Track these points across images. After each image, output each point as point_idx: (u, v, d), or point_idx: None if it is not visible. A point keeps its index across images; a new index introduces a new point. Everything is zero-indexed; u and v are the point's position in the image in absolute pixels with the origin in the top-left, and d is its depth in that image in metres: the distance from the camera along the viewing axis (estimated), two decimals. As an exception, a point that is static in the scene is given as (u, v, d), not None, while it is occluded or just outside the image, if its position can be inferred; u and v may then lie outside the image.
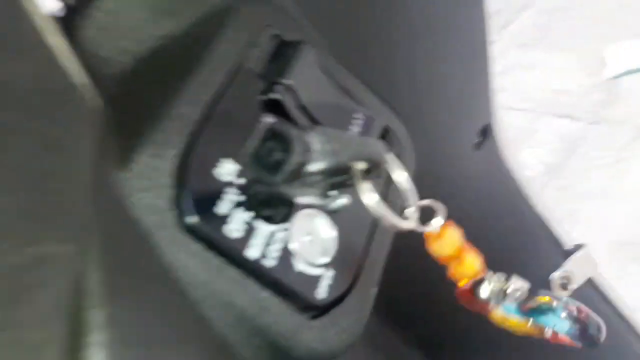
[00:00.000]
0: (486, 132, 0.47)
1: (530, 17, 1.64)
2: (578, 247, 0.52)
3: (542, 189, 1.26)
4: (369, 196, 0.22)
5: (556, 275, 0.53)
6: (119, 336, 0.16)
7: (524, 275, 0.29)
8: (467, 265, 0.22)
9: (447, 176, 0.44)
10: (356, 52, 0.32)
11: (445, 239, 0.22)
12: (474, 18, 0.39)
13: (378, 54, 0.34)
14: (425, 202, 0.23)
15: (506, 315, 0.23)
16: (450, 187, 0.45)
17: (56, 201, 0.15)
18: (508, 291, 0.22)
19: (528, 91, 1.45)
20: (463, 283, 0.23)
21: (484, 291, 0.22)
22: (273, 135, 0.18)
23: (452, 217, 0.29)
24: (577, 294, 0.53)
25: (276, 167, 0.18)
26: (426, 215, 0.25)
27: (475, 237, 0.41)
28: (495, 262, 0.28)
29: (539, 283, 0.31)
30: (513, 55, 1.51)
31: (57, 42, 0.16)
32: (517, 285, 0.23)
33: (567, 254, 0.53)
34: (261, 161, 0.19)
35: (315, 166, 0.19)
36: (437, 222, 0.23)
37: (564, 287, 0.49)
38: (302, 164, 0.18)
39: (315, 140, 0.19)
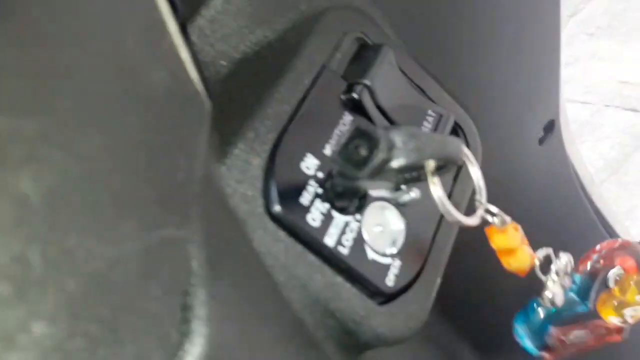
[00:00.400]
0: (551, 127, 0.48)
1: (601, 4, 1.58)
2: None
3: (602, 184, 1.23)
4: (438, 192, 0.24)
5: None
6: (219, 311, 0.18)
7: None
8: (520, 259, 0.23)
9: (510, 170, 0.45)
10: (430, 51, 0.33)
11: (508, 235, 0.23)
12: (547, 10, 0.39)
13: (450, 52, 0.35)
14: (494, 209, 0.25)
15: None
16: (513, 180, 0.45)
17: (179, 192, 0.17)
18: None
19: (593, 82, 1.41)
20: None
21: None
22: (359, 133, 0.20)
23: (513, 210, 0.30)
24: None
25: (362, 163, 0.20)
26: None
27: (534, 231, 0.42)
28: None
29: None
30: (580, 45, 1.46)
31: (184, 52, 0.18)
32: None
33: (626, 252, 0.53)
34: (348, 157, 0.20)
35: (397, 162, 0.20)
36: (502, 221, 0.24)
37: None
38: (386, 161, 0.20)
39: (399, 138, 0.20)
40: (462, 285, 0.46)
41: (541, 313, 0.23)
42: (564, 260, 0.24)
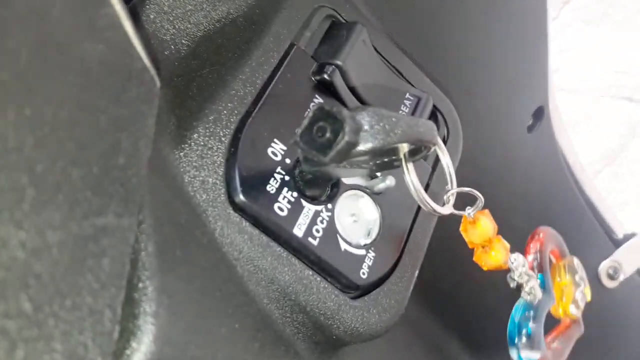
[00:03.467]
0: (540, 114, 0.46)
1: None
2: (629, 236, 0.51)
3: (596, 175, 1.21)
4: (411, 178, 0.22)
5: (605, 265, 0.51)
6: (168, 306, 0.17)
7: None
8: (492, 256, 0.22)
9: (499, 157, 0.44)
10: (411, 32, 0.32)
11: (478, 227, 0.22)
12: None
13: (432, 34, 0.34)
14: (465, 189, 0.23)
15: None
16: (501, 168, 0.44)
17: (119, 176, 0.16)
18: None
19: (587, 71, 1.39)
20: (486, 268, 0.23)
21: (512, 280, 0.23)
22: (324, 115, 0.19)
23: (502, 199, 0.29)
24: (627, 284, 0.52)
25: (326, 146, 0.18)
26: (469, 202, 0.25)
27: (522, 219, 0.40)
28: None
29: (588, 271, 0.31)
30: (575, 33, 1.44)
31: (127, 26, 0.16)
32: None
33: (618, 243, 0.51)
34: (311, 140, 0.19)
35: (364, 146, 0.19)
36: (473, 209, 0.23)
37: (611, 277, 0.48)
38: (352, 144, 0.19)
39: (365, 119, 0.19)
40: (451, 281, 0.44)
41: (526, 313, 0.22)
42: (520, 260, 0.23)
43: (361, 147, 0.19)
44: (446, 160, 0.24)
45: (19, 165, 0.13)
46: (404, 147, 0.21)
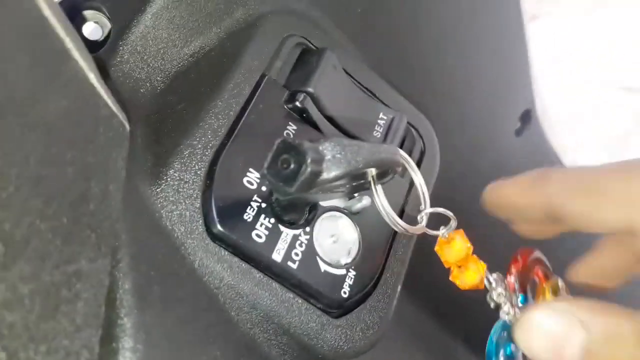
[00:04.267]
0: (527, 117, 0.46)
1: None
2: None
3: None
4: (380, 201, 0.23)
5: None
6: (147, 341, 0.18)
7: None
8: (467, 276, 0.23)
9: (487, 163, 0.44)
10: (385, 49, 0.32)
11: (453, 247, 0.23)
12: (507, 2, 0.38)
13: (407, 49, 0.34)
14: (439, 210, 0.24)
15: None
16: (490, 174, 0.44)
17: (90, 222, 0.16)
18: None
19: (584, 63, 1.39)
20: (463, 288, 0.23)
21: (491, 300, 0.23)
22: (287, 147, 0.19)
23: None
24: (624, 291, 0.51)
25: (291, 178, 0.19)
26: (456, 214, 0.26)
27: (513, 233, 0.40)
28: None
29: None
30: (572, 23, 1.44)
31: (92, 76, 0.17)
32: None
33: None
34: (277, 173, 0.20)
35: (328, 174, 0.20)
36: (447, 229, 0.23)
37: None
38: (316, 174, 0.19)
39: (328, 150, 0.20)
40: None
41: (503, 333, 0.23)
42: (499, 280, 0.23)
43: (326, 176, 0.20)
44: (418, 180, 0.25)
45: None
46: (372, 171, 0.22)
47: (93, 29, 0.24)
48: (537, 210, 0.26)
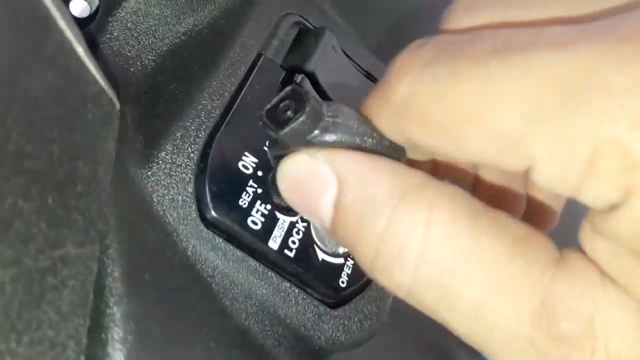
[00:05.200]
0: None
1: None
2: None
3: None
4: None
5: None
6: (137, 331, 0.17)
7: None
8: None
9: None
10: (381, 32, 0.31)
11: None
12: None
13: (409, 33, 0.34)
14: None
15: None
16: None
17: (77, 205, 0.15)
18: None
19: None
20: None
21: None
22: (293, 94, 0.18)
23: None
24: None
25: (285, 122, 0.17)
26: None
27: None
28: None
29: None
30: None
31: (80, 50, 0.16)
32: None
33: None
34: (274, 116, 0.18)
35: (322, 134, 0.18)
36: None
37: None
38: (309, 126, 0.17)
39: (331, 110, 0.18)
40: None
41: None
42: None
43: (318, 134, 0.18)
44: None
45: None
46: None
47: (82, 9, 0.23)
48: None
